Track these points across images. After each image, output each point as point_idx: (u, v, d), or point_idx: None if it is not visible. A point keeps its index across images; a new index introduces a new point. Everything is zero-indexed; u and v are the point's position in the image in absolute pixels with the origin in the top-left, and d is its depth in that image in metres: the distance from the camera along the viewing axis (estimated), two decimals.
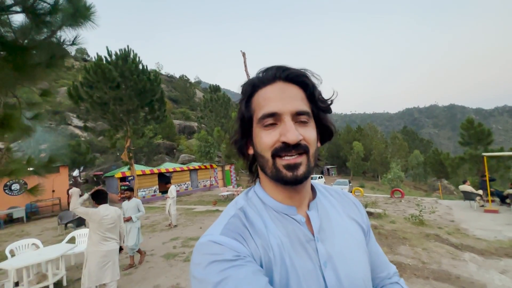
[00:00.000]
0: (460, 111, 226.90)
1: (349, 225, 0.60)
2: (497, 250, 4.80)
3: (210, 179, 20.69)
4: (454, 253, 4.62)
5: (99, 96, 12.18)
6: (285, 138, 0.48)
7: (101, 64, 11.96)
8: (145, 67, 13.79)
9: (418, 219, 6.74)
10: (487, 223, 6.95)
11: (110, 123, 13.36)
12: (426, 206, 8.18)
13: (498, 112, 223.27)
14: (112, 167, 22.99)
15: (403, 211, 8.81)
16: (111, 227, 3.19)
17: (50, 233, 8.60)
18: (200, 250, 0.47)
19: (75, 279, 4.34)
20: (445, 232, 6.05)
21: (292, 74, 0.53)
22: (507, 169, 13.51)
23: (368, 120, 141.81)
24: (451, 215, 8.24)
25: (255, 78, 0.56)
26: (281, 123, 0.50)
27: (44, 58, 2.91)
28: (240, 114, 0.57)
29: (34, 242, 4.68)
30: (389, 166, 29.21)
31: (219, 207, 11.44)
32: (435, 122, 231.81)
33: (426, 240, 5.30)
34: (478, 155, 12.81)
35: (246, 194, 0.60)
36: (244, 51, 8.53)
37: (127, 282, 4.03)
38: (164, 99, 15.08)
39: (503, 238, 5.58)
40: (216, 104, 24.36)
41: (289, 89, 0.52)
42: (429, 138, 67.59)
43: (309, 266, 0.49)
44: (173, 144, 33.89)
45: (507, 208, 8.35)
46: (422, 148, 48.02)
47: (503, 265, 4.09)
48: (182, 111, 49.66)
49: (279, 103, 0.50)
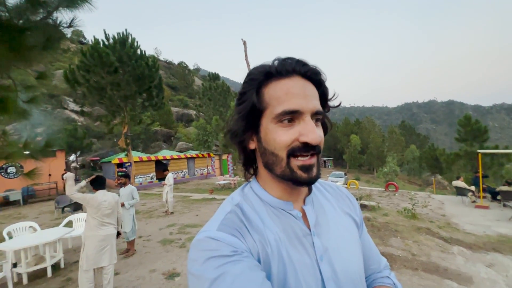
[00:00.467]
0: (458, 107, 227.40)
1: (343, 219, 0.61)
2: (485, 245, 4.94)
3: (207, 168, 20.78)
4: (443, 246, 4.76)
5: (96, 80, 11.99)
6: (306, 138, 0.47)
7: (98, 48, 11.71)
8: (143, 53, 13.54)
9: (410, 212, 6.88)
10: (477, 218, 7.13)
11: (107, 109, 13.23)
12: (419, 200, 8.33)
13: (495, 110, 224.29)
14: (109, 152, 22.92)
15: (396, 205, 8.97)
16: (109, 212, 3.22)
17: (47, 216, 8.67)
18: (197, 247, 0.46)
19: (72, 261, 4.41)
20: (436, 226, 6.20)
21: (310, 71, 0.52)
22: (500, 166, 13.71)
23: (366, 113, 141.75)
24: (443, 209, 8.42)
25: (270, 67, 0.51)
26: (301, 122, 0.48)
27: (40, 40, 2.84)
28: (249, 105, 0.52)
29: (31, 225, 4.73)
30: (385, 160, 29.52)
31: (215, 195, 11.55)
32: (433, 118, 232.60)
33: (417, 233, 5.43)
34: (473, 151, 12.96)
35: (242, 190, 0.60)
36: (245, 40, 8.37)
37: (123, 266, 4.11)
38: (163, 86, 14.91)
39: (492, 233, 5.74)
40: (215, 93, 24.14)
41: (309, 86, 0.51)
42: (426, 134, 68.11)
43: (306, 260, 0.50)
44: (171, 131, 33.73)
45: (498, 205, 8.54)
46: (419, 143, 48.40)
47: (489, 259, 4.23)
48: (180, 99, 49.17)
49: (302, 101, 0.48)
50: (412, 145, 40.15)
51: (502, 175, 14.42)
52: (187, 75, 60.72)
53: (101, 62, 11.57)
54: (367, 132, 44.43)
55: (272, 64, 0.52)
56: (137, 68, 12.53)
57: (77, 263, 4.33)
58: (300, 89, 0.49)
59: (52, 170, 13.26)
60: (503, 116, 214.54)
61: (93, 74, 11.81)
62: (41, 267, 3.80)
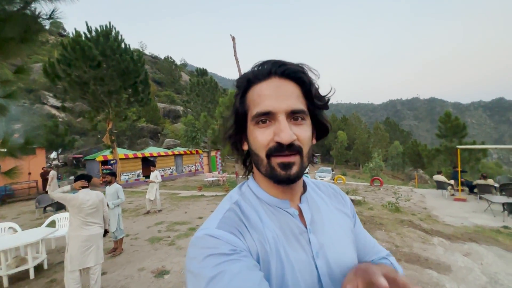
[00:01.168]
0: (440, 105, 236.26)
1: (337, 216, 0.62)
2: (463, 235, 5.23)
3: (196, 165, 20.56)
4: (424, 237, 4.99)
5: (78, 75, 11.50)
6: (278, 138, 0.48)
7: (80, 41, 11.22)
8: (128, 46, 13.10)
9: (394, 206, 7.15)
10: (456, 210, 7.51)
11: (90, 104, 12.75)
12: (402, 194, 8.65)
13: (474, 107, 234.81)
14: (93, 150, 22.19)
15: (381, 199, 9.28)
16: (93, 211, 3.12)
17: (27, 216, 8.32)
18: (195, 244, 0.46)
19: (56, 262, 4.28)
20: (418, 218, 6.48)
21: (288, 69, 0.51)
22: (477, 161, 14.42)
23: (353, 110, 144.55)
24: (424, 202, 8.80)
25: (250, 73, 0.54)
26: (276, 122, 0.49)
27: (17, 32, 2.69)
28: (235, 109, 0.56)
29: (11, 225, 4.53)
30: (370, 156, 30.32)
31: (204, 192, 11.48)
32: (415, 114, 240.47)
33: (400, 225, 5.66)
34: (452, 147, 13.55)
35: (240, 188, 0.61)
36: (234, 36, 8.26)
37: (111, 265, 4.04)
38: (149, 81, 14.52)
39: (469, 224, 6.08)
40: (203, 89, 23.77)
41: (285, 86, 0.51)
42: (409, 130, 70.43)
43: (302, 257, 0.51)
44: (157, 128, 33.04)
45: (474, 197, 9.02)
46: (402, 139, 50.01)
47: (466, 248, 4.49)
48: (167, 94, 48.12)
49: (274, 101, 0.49)
50: (396, 141, 41.41)
51: (479, 169, 15.20)
52: (174, 70, 59.45)
53: (83, 55, 11.09)
54: (353, 129, 45.45)
55: (252, 69, 0.55)
56: (121, 62, 12.12)
57: (62, 263, 4.20)
58: (272, 90, 0.50)
59: (32, 168, 12.69)
60: (480, 113, 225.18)
61: (74, 68, 11.31)
62: (23, 269, 3.67)
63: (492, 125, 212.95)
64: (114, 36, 12.39)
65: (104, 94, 12.36)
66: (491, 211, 6.83)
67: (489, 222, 6.18)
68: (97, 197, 3.22)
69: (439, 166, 15.99)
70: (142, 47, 72.47)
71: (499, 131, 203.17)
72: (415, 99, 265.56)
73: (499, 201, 6.60)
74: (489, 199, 6.99)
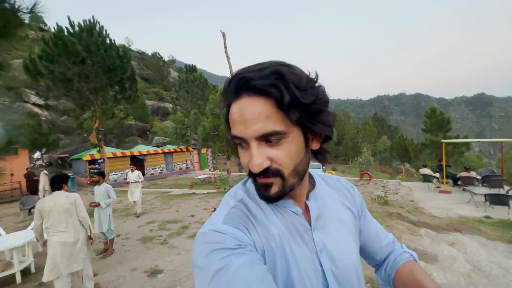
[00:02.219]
0: (425, 100, 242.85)
1: (342, 213, 0.63)
2: (448, 226, 5.44)
3: (186, 162, 20.36)
4: (412, 229, 5.16)
5: (61, 71, 11.08)
6: (250, 166, 0.46)
7: (63, 36, 10.79)
8: (113, 42, 12.72)
9: (383, 199, 7.34)
10: (441, 202, 7.79)
11: (75, 102, 12.33)
12: (390, 188, 8.89)
13: (457, 102, 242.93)
14: (79, 149, 21.57)
15: (370, 193, 9.50)
16: (61, 217, 2.81)
17: (11, 219, 8.02)
18: (201, 240, 0.47)
19: (44, 265, 4.15)
20: (405, 211, 6.69)
21: (255, 86, 0.44)
22: (461, 154, 14.99)
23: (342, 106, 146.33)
24: (411, 195, 9.08)
25: (223, 92, 0.50)
26: (250, 147, 0.47)
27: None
28: (225, 119, 0.53)
29: None
30: (359, 151, 30.92)
31: (195, 190, 11.40)
32: (402, 110, 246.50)
33: (389, 218, 5.83)
34: (437, 141, 14.01)
35: (244, 184, 0.60)
36: (224, 31, 8.16)
37: (102, 266, 3.96)
38: (136, 78, 14.18)
39: (453, 215, 6.33)
40: (192, 85, 23.46)
41: (252, 106, 0.44)
42: (396, 125, 72.14)
43: (306, 254, 0.52)
44: (146, 125, 32.44)
45: (458, 189, 9.39)
46: (390, 134, 51.23)
47: (451, 238, 4.67)
48: (155, 91, 47.20)
49: (241, 127, 0.46)
50: (383, 136, 42.38)
51: (462, 162, 15.81)
52: (162, 66, 58.30)
53: (66, 51, 10.67)
54: (342, 124, 46.13)
55: (223, 88, 0.50)
56: (107, 58, 11.75)
57: None
58: (239, 115, 0.46)
59: (14, 169, 12.18)
60: (463, 108, 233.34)
61: (57, 64, 10.87)
62: (8, 274, 3.54)
63: (474, 119, 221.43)
64: (98, 31, 11.99)
65: (89, 91, 11.98)
66: (474, 202, 7.13)
67: (472, 212, 6.46)
68: (67, 200, 2.89)
69: (425, 159, 16.52)
70: (128, 43, 70.59)
71: (480, 125, 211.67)
72: (402, 95, 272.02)
73: (481, 193, 6.90)
74: (471, 190, 7.29)
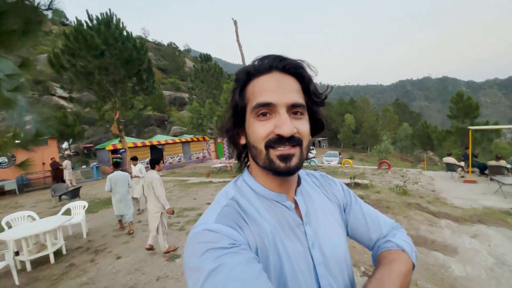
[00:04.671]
0: (452, 84, 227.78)
1: (329, 206, 0.65)
2: (471, 217, 5.20)
3: (203, 151, 20.79)
4: (432, 220, 4.99)
5: (83, 65, 11.51)
6: (279, 130, 0.48)
7: (82, 30, 11.12)
8: (130, 34, 12.91)
9: (401, 189, 7.12)
10: (465, 192, 7.42)
11: (96, 94, 12.84)
12: (410, 177, 8.59)
13: (488, 85, 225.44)
14: (103, 139, 22.63)
15: (388, 182, 9.23)
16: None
17: (44, 204, 8.70)
18: (194, 239, 0.46)
19: (74, 248, 4.51)
20: (425, 201, 6.46)
21: (289, 65, 0.52)
22: (489, 141, 14.06)
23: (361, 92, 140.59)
24: (433, 185, 8.72)
25: (250, 66, 0.55)
26: (276, 115, 0.50)
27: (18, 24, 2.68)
28: (234, 103, 0.57)
29: (29, 214, 4.76)
30: (379, 139, 29.89)
31: (212, 178, 11.67)
32: (426, 95, 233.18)
33: (407, 208, 5.66)
34: (464, 128, 13.19)
35: (235, 183, 0.61)
36: (235, 19, 8.01)
37: (124, 250, 4.23)
38: (152, 69, 14.42)
39: (478, 206, 6.02)
40: (207, 75, 23.51)
41: (285, 80, 0.52)
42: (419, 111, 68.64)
43: (299, 249, 0.53)
44: (164, 115, 33.24)
45: (485, 179, 8.88)
46: (412, 120, 48.91)
47: (474, 230, 4.47)
48: (172, 81, 47.96)
49: (275, 94, 0.50)
50: (405, 123, 40.56)
51: (491, 150, 14.84)
52: (178, 56, 58.87)
53: (86, 45, 11.02)
54: (361, 111, 44.58)
55: (253, 63, 0.55)
56: (124, 50, 12.01)
57: (79, 249, 4.45)
58: (274, 83, 0.51)
59: (46, 159, 13.11)
60: (495, 92, 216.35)
61: (78, 58, 11.29)
62: (43, 255, 3.88)
63: (507, 103, 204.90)
64: (115, 24, 12.20)
65: (109, 83, 12.38)
66: (502, 193, 6.73)
67: (499, 203, 6.10)
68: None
69: (450, 147, 15.68)
70: (145, 34, 71.70)
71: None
72: (427, 79, 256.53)
73: (510, 183, 6.48)
74: (500, 180, 6.86)
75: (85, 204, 5.31)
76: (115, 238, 4.83)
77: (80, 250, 4.41)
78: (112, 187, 5.03)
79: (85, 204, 5.31)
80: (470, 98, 14.18)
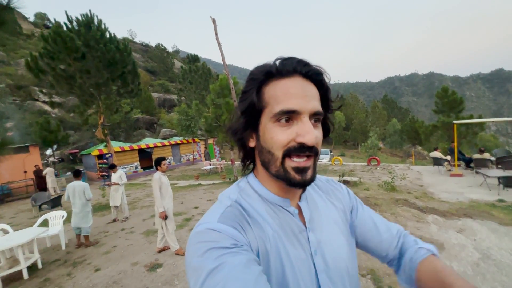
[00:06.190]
0: (438, 79, 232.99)
1: (333, 213, 0.63)
2: (457, 211, 5.23)
3: (193, 153, 20.51)
4: (419, 216, 4.99)
5: (63, 68, 11.11)
6: (303, 139, 0.47)
7: (61, 32, 10.73)
8: (113, 36, 12.56)
9: (390, 185, 7.14)
10: (452, 186, 7.51)
11: (79, 98, 12.43)
12: (398, 173, 8.64)
13: (472, 80, 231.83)
14: (89, 144, 22.04)
15: (377, 178, 9.28)
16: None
17: (24, 215, 8.34)
18: (196, 238, 0.46)
19: (51, 261, 4.28)
20: (413, 196, 6.48)
21: (312, 71, 0.51)
22: (474, 135, 14.36)
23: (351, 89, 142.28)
24: (421, 180, 8.80)
25: (271, 67, 0.52)
26: (298, 122, 0.49)
27: None
28: (249, 104, 0.53)
29: (2, 227, 4.50)
30: (368, 135, 30.26)
31: (201, 181, 11.49)
32: (414, 90, 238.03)
33: (395, 205, 5.66)
34: (449, 122, 13.43)
35: (238, 184, 0.60)
36: (214, 18, 7.83)
37: (104, 261, 4.03)
38: (137, 71, 14.09)
39: (464, 199, 6.08)
40: (195, 76, 23.25)
41: (308, 86, 0.51)
42: (408, 106, 69.92)
43: (301, 255, 0.52)
44: (153, 118, 32.68)
45: (471, 172, 9.03)
46: (400, 116, 49.72)
47: (460, 225, 4.49)
48: (160, 83, 47.23)
49: (301, 101, 0.48)
50: (393, 119, 41.20)
51: (476, 143, 15.18)
52: (166, 58, 57.92)
53: (66, 47, 10.63)
54: (351, 108, 45.05)
55: (273, 63, 0.52)
56: (106, 52, 11.66)
57: (56, 262, 4.23)
58: (299, 89, 0.49)
59: (28, 167, 12.64)
60: (479, 86, 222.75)
61: (58, 61, 10.88)
62: (15, 270, 3.65)
63: (491, 97, 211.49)
64: (97, 25, 11.85)
65: (92, 87, 12.01)
66: (487, 185, 6.83)
67: (484, 196, 6.19)
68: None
69: (436, 142, 15.95)
70: (132, 35, 70.18)
71: (498, 102, 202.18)
72: (414, 75, 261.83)
73: (494, 175, 6.58)
74: (484, 173, 6.96)
75: (64, 214, 5.08)
76: (95, 249, 4.62)
77: (58, 263, 4.19)
78: (70, 198, 4.78)
79: (63, 214, 5.08)
80: (455, 92, 14.43)
